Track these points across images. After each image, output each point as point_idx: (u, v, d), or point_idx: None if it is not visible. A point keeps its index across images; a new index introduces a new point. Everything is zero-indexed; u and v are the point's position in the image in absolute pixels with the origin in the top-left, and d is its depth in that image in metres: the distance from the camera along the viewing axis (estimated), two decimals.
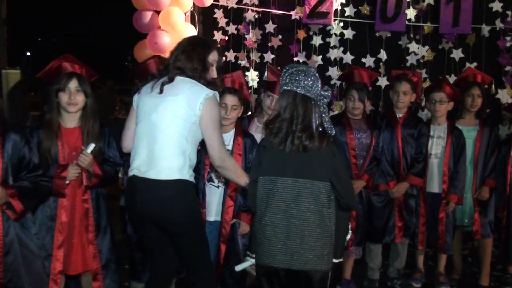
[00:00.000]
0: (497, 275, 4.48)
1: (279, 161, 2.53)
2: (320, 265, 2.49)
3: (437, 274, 4.32)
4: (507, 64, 5.31)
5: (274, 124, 2.55)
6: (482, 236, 4.25)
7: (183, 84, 2.74)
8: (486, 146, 4.24)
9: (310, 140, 2.48)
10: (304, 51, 5.51)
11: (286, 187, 2.50)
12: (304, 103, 2.50)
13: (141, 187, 2.71)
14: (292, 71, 2.54)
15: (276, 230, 2.50)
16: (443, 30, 5.33)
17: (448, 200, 4.14)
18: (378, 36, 5.45)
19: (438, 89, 4.20)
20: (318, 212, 2.48)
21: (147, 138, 2.74)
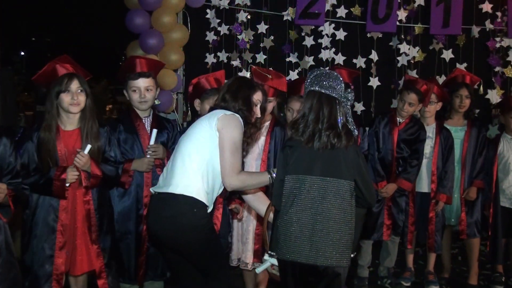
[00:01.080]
0: (487, 274, 4.58)
1: (306, 160, 2.64)
2: (342, 260, 2.60)
3: (427, 273, 4.41)
4: (497, 65, 5.38)
5: (300, 124, 2.66)
6: (468, 236, 4.35)
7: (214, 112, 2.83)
8: (474, 146, 4.34)
9: (338, 139, 2.60)
10: (296, 52, 5.59)
11: (313, 185, 2.61)
12: (329, 103, 2.63)
13: (153, 205, 2.82)
14: (317, 73, 2.68)
15: (302, 227, 2.59)
16: (434, 31, 5.40)
17: (437, 199, 4.24)
18: (369, 37, 5.52)
19: None
20: (343, 210, 2.60)
21: (172, 158, 2.86)
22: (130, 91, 3.52)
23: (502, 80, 5.41)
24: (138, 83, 3.50)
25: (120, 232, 3.49)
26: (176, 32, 5.33)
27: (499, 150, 4.34)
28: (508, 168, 4.32)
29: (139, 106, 3.54)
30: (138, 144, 3.51)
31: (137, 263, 3.49)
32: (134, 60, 3.58)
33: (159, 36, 5.23)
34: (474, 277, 4.40)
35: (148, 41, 5.19)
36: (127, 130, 3.53)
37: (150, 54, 5.24)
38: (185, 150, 2.79)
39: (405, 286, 4.32)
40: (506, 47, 5.40)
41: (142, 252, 3.49)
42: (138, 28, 5.23)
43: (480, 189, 4.35)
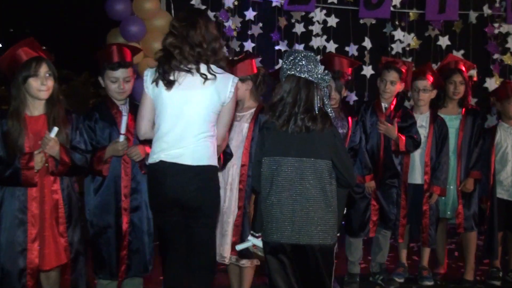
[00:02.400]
0: (484, 269, 4.54)
1: (282, 142, 2.74)
2: (325, 239, 2.71)
3: (421, 268, 4.36)
4: (495, 52, 5.37)
5: (277, 107, 2.75)
6: (466, 229, 4.29)
7: (207, 72, 2.86)
8: (469, 135, 4.29)
9: (313, 122, 2.70)
10: (286, 40, 5.54)
11: (290, 166, 2.71)
12: (307, 87, 2.73)
13: (173, 172, 2.86)
14: (295, 56, 2.76)
15: (282, 208, 2.71)
16: (429, 17, 5.38)
17: (431, 192, 4.19)
18: (362, 24, 5.49)
19: (421, 77, 4.24)
20: (321, 189, 2.70)
21: (179, 130, 2.88)
22: (108, 81, 3.47)
23: (501, 68, 5.40)
24: (117, 73, 3.46)
25: (99, 226, 3.44)
26: (159, 19, 5.27)
27: (496, 139, 4.29)
28: (506, 158, 4.26)
29: (116, 96, 3.50)
30: (116, 133, 3.47)
31: (118, 258, 3.46)
32: (112, 48, 3.55)
33: (141, 23, 5.17)
34: (471, 272, 4.34)
35: (130, 29, 5.14)
36: (104, 119, 3.48)
37: (131, 42, 5.21)
38: (198, 118, 2.88)
39: (398, 282, 4.25)
40: (505, 33, 5.40)
41: (123, 247, 3.44)
42: (119, 14, 5.18)
43: (477, 181, 4.31)
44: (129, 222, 3.45)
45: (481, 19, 5.41)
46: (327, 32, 5.50)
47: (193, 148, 2.88)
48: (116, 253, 3.45)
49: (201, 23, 2.88)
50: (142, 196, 3.47)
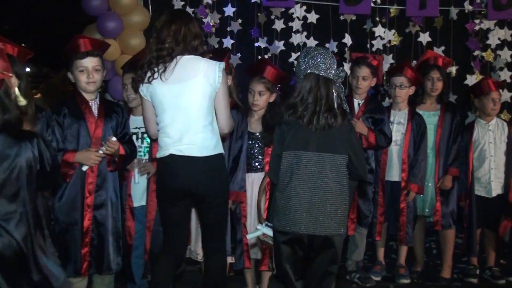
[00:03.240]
0: (462, 267, 4.56)
1: (303, 137, 2.87)
2: (339, 229, 2.87)
3: (398, 266, 4.38)
4: (476, 49, 5.37)
5: (298, 107, 2.87)
6: (443, 227, 4.31)
7: (194, 63, 3.03)
8: (448, 132, 4.30)
9: (335, 119, 2.84)
10: (266, 36, 5.52)
11: (309, 160, 2.84)
12: (326, 85, 2.85)
13: (185, 164, 3.02)
14: (312, 55, 2.88)
15: (301, 200, 2.82)
16: (410, 13, 5.36)
17: (408, 189, 4.20)
18: (342, 20, 5.48)
19: (398, 73, 4.25)
20: (339, 183, 2.85)
21: (181, 123, 3.03)
22: (76, 72, 3.44)
23: (482, 65, 5.41)
24: (86, 62, 3.43)
25: (65, 223, 3.41)
26: (136, 15, 5.24)
27: (474, 137, 4.32)
28: (484, 155, 4.29)
29: (86, 87, 3.45)
30: (84, 129, 3.43)
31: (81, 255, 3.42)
32: (79, 39, 3.54)
33: (118, 19, 5.14)
34: (448, 270, 4.36)
35: (106, 25, 5.10)
36: (73, 114, 3.43)
37: (108, 39, 5.19)
38: (196, 108, 3.02)
39: (374, 280, 4.27)
40: (485, 29, 5.40)
41: (85, 244, 3.42)
42: (95, 10, 5.14)
43: (455, 178, 4.32)
44: (92, 219, 3.43)
45: (462, 15, 5.42)
46: (307, 28, 5.48)
47: (199, 139, 3.03)
48: (81, 251, 3.43)
49: (181, 21, 3.03)
50: (108, 193, 3.47)
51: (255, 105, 3.76)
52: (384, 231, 4.38)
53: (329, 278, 2.89)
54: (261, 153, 3.78)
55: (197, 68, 3.02)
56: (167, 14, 3.15)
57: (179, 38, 3.02)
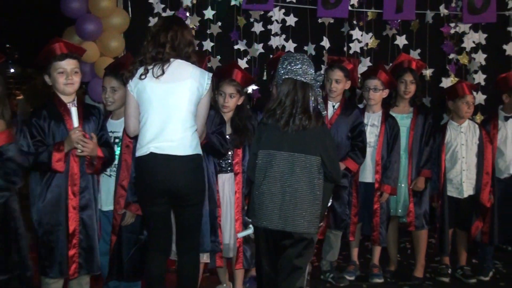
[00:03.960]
0: (435, 266, 4.65)
1: (277, 137, 3.04)
2: (309, 228, 3.01)
3: (372, 266, 4.46)
4: (451, 52, 5.48)
5: (276, 110, 3.05)
6: (416, 228, 4.39)
7: (185, 68, 3.19)
8: (420, 134, 4.39)
9: (309, 121, 3.00)
10: (245, 39, 5.59)
11: (282, 159, 3.01)
12: (303, 89, 3.02)
13: (163, 163, 3.13)
14: (290, 60, 3.06)
15: (273, 197, 3.00)
16: (387, 17, 5.46)
17: (382, 191, 4.28)
18: (320, 23, 5.58)
19: (372, 76, 4.34)
20: (310, 182, 2.99)
21: (164, 122, 3.15)
22: (55, 74, 3.47)
23: (457, 68, 5.53)
24: (65, 64, 3.46)
25: (50, 224, 3.43)
26: (116, 17, 5.29)
27: (446, 138, 4.41)
28: (456, 157, 4.38)
29: (64, 89, 3.48)
30: (64, 132, 3.44)
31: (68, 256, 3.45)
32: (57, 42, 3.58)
33: (97, 22, 5.19)
34: (420, 269, 4.44)
35: (85, 27, 5.15)
36: (52, 117, 3.47)
37: (87, 41, 5.24)
38: (181, 109, 3.16)
39: (348, 279, 4.36)
40: (460, 33, 5.52)
41: (73, 246, 3.45)
42: (74, 12, 5.18)
43: (427, 179, 4.41)
44: (79, 221, 3.46)
45: (438, 19, 5.53)
46: (286, 31, 5.57)
47: (180, 138, 3.15)
48: (66, 252, 3.45)
49: (175, 29, 3.20)
50: (91, 194, 3.51)
51: (226, 107, 3.85)
52: (358, 231, 4.46)
53: (297, 272, 3.02)
54: (230, 155, 3.86)
55: (188, 72, 3.19)
56: (164, 20, 3.36)
57: (175, 44, 3.19)
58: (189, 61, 3.24)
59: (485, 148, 4.37)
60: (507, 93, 4.42)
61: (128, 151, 3.61)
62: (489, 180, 4.36)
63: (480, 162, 4.38)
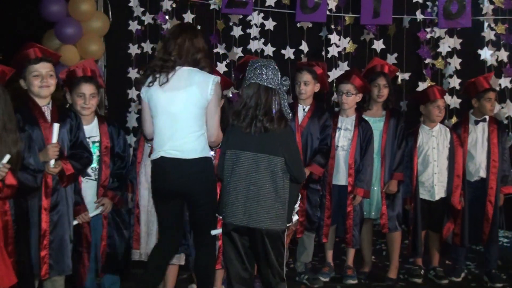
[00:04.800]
0: (408, 267, 4.74)
1: (243, 138, 3.20)
2: (273, 225, 3.16)
3: (346, 267, 4.55)
4: (427, 57, 5.61)
5: (242, 112, 3.21)
6: (390, 230, 4.49)
7: (190, 75, 3.33)
8: (393, 137, 4.49)
9: (270, 123, 3.16)
10: (224, 43, 5.69)
11: (247, 159, 3.19)
12: (266, 93, 3.19)
13: (173, 166, 3.33)
14: (256, 66, 3.22)
15: (237, 194, 3.18)
16: (364, 21, 5.58)
17: (355, 194, 4.37)
18: (299, 27, 5.69)
19: (346, 81, 4.43)
20: (273, 181, 3.16)
21: (171, 128, 3.33)
22: (30, 77, 3.52)
23: (433, 72, 5.66)
24: (40, 67, 3.52)
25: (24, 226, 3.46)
26: (96, 20, 5.39)
27: (418, 142, 4.51)
28: (427, 160, 4.48)
29: (39, 92, 3.52)
30: (38, 135, 3.49)
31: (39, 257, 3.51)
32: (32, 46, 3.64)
33: (77, 25, 5.28)
34: (394, 270, 4.54)
35: (65, 31, 5.24)
36: (26, 120, 3.48)
37: (67, 45, 5.32)
38: (185, 115, 3.32)
39: (322, 281, 4.44)
40: (436, 38, 5.65)
41: (44, 247, 3.49)
42: (54, 16, 5.27)
43: (400, 182, 4.51)
44: (50, 222, 3.51)
45: (414, 24, 5.66)
46: (265, 35, 5.68)
47: (186, 143, 3.32)
48: (38, 253, 3.49)
49: (186, 35, 3.36)
50: (62, 195, 3.56)
51: None
52: (333, 233, 4.56)
53: (272, 267, 3.19)
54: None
55: (191, 79, 3.32)
56: (176, 28, 3.54)
57: (183, 52, 3.34)
58: (198, 67, 3.38)
59: (456, 151, 4.48)
60: (476, 97, 4.54)
61: (107, 152, 3.76)
62: (459, 183, 4.47)
63: (451, 165, 4.48)
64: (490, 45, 5.62)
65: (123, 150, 3.93)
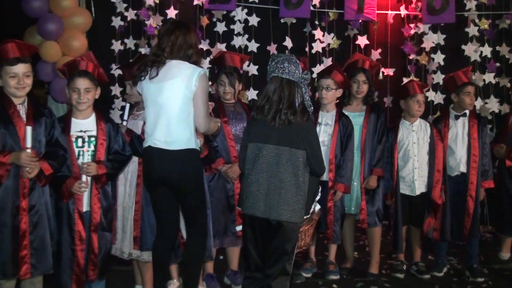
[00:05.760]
0: (391, 263, 4.83)
1: (265, 131, 3.33)
2: (293, 217, 3.29)
3: (328, 263, 4.62)
4: (411, 52, 5.71)
5: (265, 106, 3.34)
6: (369, 225, 4.57)
7: (177, 67, 3.49)
8: (373, 132, 4.57)
9: (294, 116, 3.29)
10: (208, 39, 5.76)
11: (269, 152, 3.31)
12: (289, 86, 3.32)
13: (158, 156, 3.51)
14: (278, 60, 3.35)
15: (259, 186, 3.31)
16: (348, 17, 5.69)
17: (335, 189, 4.44)
18: (283, 23, 5.78)
19: (326, 76, 4.49)
20: (294, 174, 3.28)
21: (157, 118, 3.52)
22: (7, 77, 3.54)
23: (417, 68, 5.77)
24: (16, 69, 3.54)
25: None
26: (78, 16, 5.43)
27: (398, 137, 4.60)
28: (408, 155, 4.56)
29: (15, 92, 3.56)
30: (13, 133, 3.52)
31: (18, 257, 3.59)
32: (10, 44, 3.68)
33: (59, 21, 5.32)
34: (375, 266, 4.61)
35: (47, 27, 5.28)
36: (0, 119, 3.53)
37: (49, 41, 5.39)
38: (170, 106, 3.48)
39: (304, 276, 4.52)
40: (420, 33, 5.75)
41: (23, 247, 3.53)
42: (35, 12, 5.30)
43: (380, 177, 4.59)
44: (30, 222, 3.53)
45: (399, 20, 5.75)
46: (249, 31, 5.76)
47: (171, 134, 3.48)
48: (14, 253, 3.52)
49: (177, 33, 3.52)
50: (39, 194, 3.58)
51: None
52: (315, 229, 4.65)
53: (283, 258, 3.33)
54: None
55: (178, 71, 3.48)
56: (170, 24, 3.72)
57: (175, 47, 3.51)
58: (190, 61, 3.53)
59: (436, 146, 4.56)
60: (455, 92, 4.63)
61: (101, 148, 3.75)
62: (440, 178, 4.55)
63: (431, 160, 4.56)
64: (474, 41, 5.72)
65: (122, 149, 3.83)
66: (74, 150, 3.74)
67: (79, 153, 3.76)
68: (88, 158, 3.76)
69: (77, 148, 3.77)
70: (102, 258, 3.78)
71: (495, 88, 5.77)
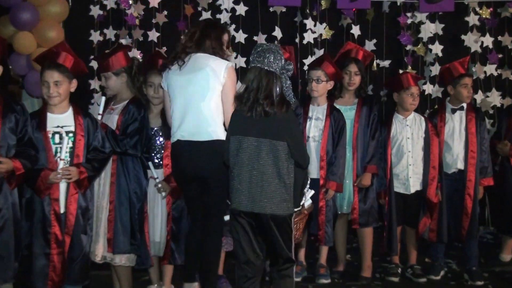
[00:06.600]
0: (386, 266, 4.72)
1: (245, 123, 3.35)
2: (277, 210, 3.31)
3: (318, 266, 4.53)
4: (408, 43, 5.60)
5: (243, 96, 3.37)
6: (361, 225, 4.48)
7: (205, 58, 3.62)
8: (365, 126, 4.47)
9: (271, 107, 3.30)
10: None
11: (250, 144, 3.33)
12: (267, 77, 3.34)
13: (187, 149, 3.60)
14: (258, 50, 3.39)
15: (241, 180, 3.34)
16: (341, 5, 5.56)
17: (327, 187, 4.35)
18: (272, 12, 5.66)
19: (316, 67, 4.40)
20: (276, 166, 3.30)
21: (187, 109, 3.60)
22: None
23: (413, 59, 5.66)
24: None
25: None
26: (54, 5, 5.30)
27: (392, 132, 4.50)
28: (402, 151, 4.46)
29: None
30: None
31: None
32: None
33: (33, 10, 5.19)
34: (367, 269, 4.52)
35: (20, 16, 5.15)
36: None
37: (23, 31, 5.27)
38: (199, 97, 3.60)
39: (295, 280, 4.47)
40: (417, 23, 5.64)
41: None
42: (8, 0, 5.24)
43: (374, 175, 4.50)
44: None
45: (394, 8, 5.64)
46: (236, 21, 5.64)
47: (198, 126, 3.58)
48: None
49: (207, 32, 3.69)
50: (6, 196, 3.48)
51: (156, 98, 3.94)
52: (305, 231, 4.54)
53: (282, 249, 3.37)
54: (161, 148, 3.94)
55: (206, 62, 3.60)
56: (199, 23, 4.00)
57: (204, 44, 3.66)
58: (215, 55, 3.65)
59: (432, 141, 4.46)
60: (451, 84, 4.53)
61: (80, 145, 3.66)
62: (435, 175, 4.45)
63: (426, 156, 4.46)
64: (475, 30, 5.61)
65: (102, 145, 3.75)
66: (51, 147, 3.65)
67: (56, 150, 3.66)
68: (65, 155, 3.65)
69: (54, 144, 3.67)
70: (81, 262, 3.67)
71: (497, 80, 5.65)
